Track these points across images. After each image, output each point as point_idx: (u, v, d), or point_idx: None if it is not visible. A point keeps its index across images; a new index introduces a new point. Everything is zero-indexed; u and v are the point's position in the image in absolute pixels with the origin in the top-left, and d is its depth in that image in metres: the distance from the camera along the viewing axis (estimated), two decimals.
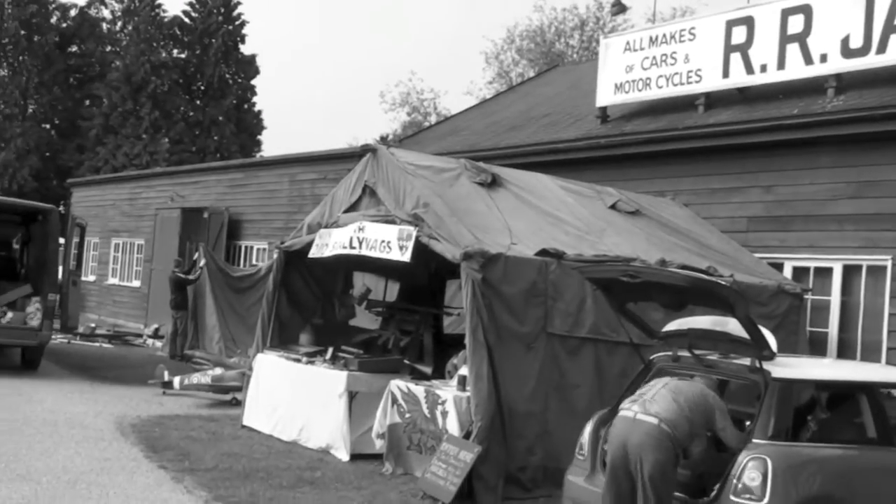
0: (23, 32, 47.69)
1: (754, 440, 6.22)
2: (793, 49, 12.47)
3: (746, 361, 6.74)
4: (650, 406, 6.26)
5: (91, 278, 30.11)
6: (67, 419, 11.19)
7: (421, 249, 9.31)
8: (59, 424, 10.80)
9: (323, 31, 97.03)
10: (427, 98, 50.84)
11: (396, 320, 12.01)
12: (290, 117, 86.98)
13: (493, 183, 10.54)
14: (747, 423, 6.83)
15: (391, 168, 10.04)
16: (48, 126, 50.86)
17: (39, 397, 12.67)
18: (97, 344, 21.09)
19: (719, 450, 6.65)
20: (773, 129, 12.28)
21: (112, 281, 29.54)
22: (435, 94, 57.01)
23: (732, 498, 6.08)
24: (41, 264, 16.16)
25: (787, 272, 12.00)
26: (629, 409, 6.36)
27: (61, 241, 16.55)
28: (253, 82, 52.14)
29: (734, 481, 6.09)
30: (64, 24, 51.32)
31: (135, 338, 22.73)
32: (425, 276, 12.72)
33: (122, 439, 10.28)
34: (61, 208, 30.64)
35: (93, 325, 23.91)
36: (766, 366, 6.59)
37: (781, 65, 12.63)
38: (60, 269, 16.13)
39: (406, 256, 9.31)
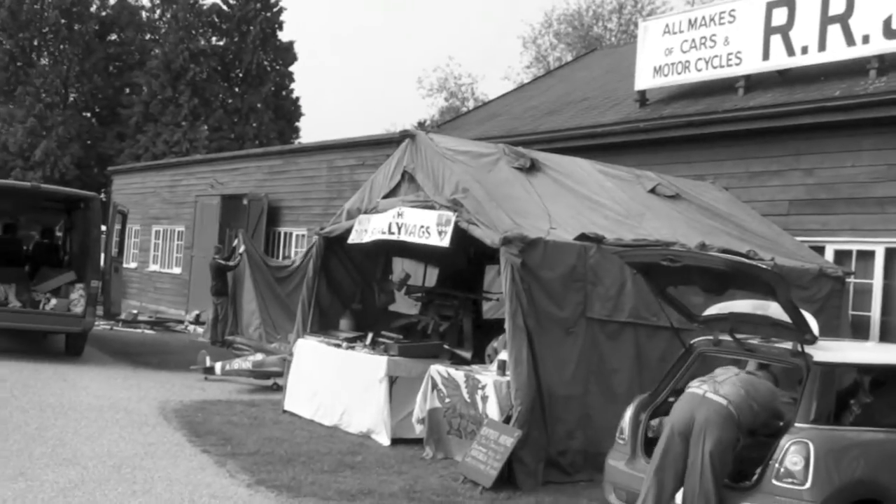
0: (63, 21, 48.21)
1: (796, 424, 6.18)
2: (834, 30, 12.29)
3: (788, 345, 6.70)
4: (720, 388, 6.33)
5: (132, 265, 30.47)
6: (111, 404, 11.37)
7: (460, 235, 9.32)
8: (104, 409, 10.98)
9: (360, 16, 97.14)
10: (465, 83, 50.88)
11: (436, 305, 12.04)
12: (328, 104, 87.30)
13: (532, 168, 10.51)
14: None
15: (430, 153, 10.05)
16: (89, 114, 51.40)
17: (84, 383, 12.88)
18: (139, 330, 21.38)
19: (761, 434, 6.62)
20: (815, 112, 12.12)
21: (153, 268, 29.89)
22: (472, 79, 57.23)
23: (774, 482, 6.05)
24: (84, 251, 16.38)
25: (829, 255, 11.87)
26: (698, 388, 6.42)
27: (103, 228, 16.74)
28: (291, 69, 52.33)
29: (776, 465, 6.06)
30: (104, 13, 51.80)
31: (176, 324, 23.00)
32: (464, 261, 12.73)
33: (166, 424, 10.43)
34: (103, 196, 30.97)
35: (135, 311, 24.24)
36: (808, 349, 6.54)
37: (823, 46, 12.45)
38: (102, 256, 16.33)
39: (445, 242, 9.33)
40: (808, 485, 5.94)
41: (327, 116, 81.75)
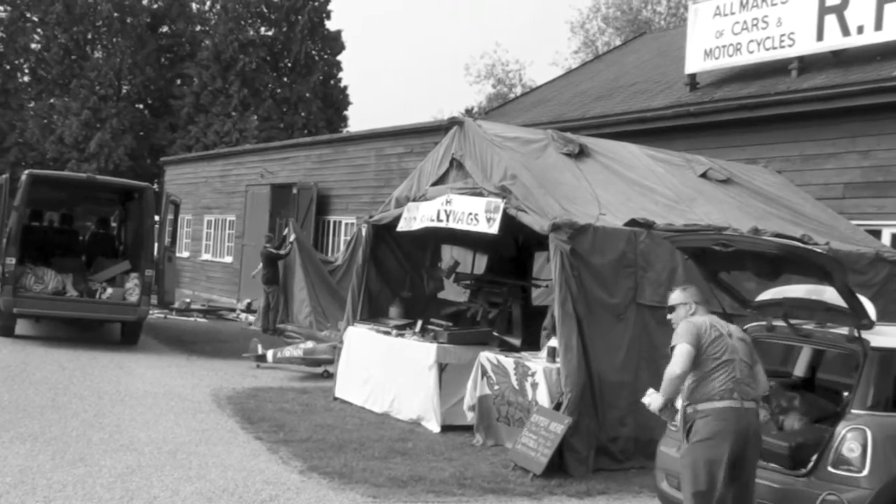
0: (116, 15, 48.82)
1: (853, 411, 6.07)
2: (891, 9, 12.01)
3: (844, 331, 6.58)
4: (749, 391, 5.96)
5: (185, 254, 30.85)
6: (166, 391, 11.54)
7: (508, 221, 9.29)
8: (159, 396, 11.14)
9: (406, 3, 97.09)
10: (512, 69, 50.66)
11: (484, 292, 12.03)
12: (376, 92, 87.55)
13: (581, 153, 10.45)
14: (845, 393, 6.66)
15: (478, 140, 10.03)
16: (141, 106, 52.02)
17: (139, 371, 13.08)
18: (192, 318, 21.63)
19: (816, 421, 6.52)
20: (871, 93, 11.87)
21: (205, 257, 30.23)
22: (520, 65, 56.90)
23: (830, 469, 5.96)
24: (138, 241, 16.60)
25: (886, 239, 11.64)
26: (732, 399, 5.89)
27: (156, 218, 16.96)
28: (338, 58, 52.46)
29: (832, 453, 5.97)
30: (155, 5, 52.36)
31: (228, 312, 23.24)
32: (513, 248, 12.70)
33: (219, 411, 10.55)
34: (156, 186, 31.42)
35: (188, 300, 24.54)
36: (865, 335, 6.41)
37: (879, 25, 12.19)
38: (156, 245, 16.54)
39: (494, 229, 9.31)
40: (865, 472, 5.84)
41: (375, 105, 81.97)
